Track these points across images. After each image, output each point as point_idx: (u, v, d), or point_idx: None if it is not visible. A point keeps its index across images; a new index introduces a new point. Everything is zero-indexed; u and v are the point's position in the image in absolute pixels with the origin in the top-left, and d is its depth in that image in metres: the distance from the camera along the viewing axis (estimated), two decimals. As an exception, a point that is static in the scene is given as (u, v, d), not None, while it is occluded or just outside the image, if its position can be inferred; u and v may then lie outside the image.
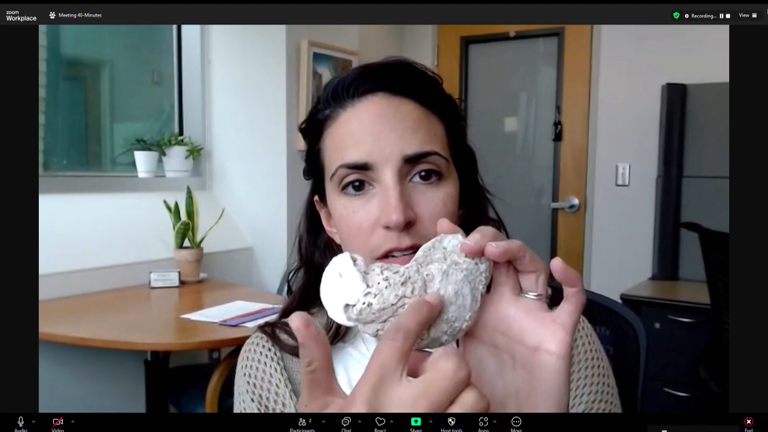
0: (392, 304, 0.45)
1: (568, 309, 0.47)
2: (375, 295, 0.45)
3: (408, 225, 0.63)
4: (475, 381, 0.48)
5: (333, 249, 0.77)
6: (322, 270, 0.76)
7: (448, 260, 0.47)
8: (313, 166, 0.74)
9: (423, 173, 0.66)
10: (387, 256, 0.64)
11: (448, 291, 0.46)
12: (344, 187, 0.67)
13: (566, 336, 0.46)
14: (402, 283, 0.46)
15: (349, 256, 0.47)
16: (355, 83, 0.68)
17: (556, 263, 0.46)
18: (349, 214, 0.67)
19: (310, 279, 0.78)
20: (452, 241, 0.48)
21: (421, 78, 0.70)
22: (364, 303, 0.45)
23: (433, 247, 0.48)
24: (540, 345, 0.46)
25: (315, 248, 0.78)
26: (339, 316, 0.47)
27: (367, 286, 0.46)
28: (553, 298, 0.49)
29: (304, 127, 0.75)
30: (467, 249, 0.46)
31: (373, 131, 0.66)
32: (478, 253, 0.46)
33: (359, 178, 0.66)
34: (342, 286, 0.47)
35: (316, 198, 0.77)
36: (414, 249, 0.63)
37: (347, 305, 0.46)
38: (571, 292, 0.47)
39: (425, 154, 0.66)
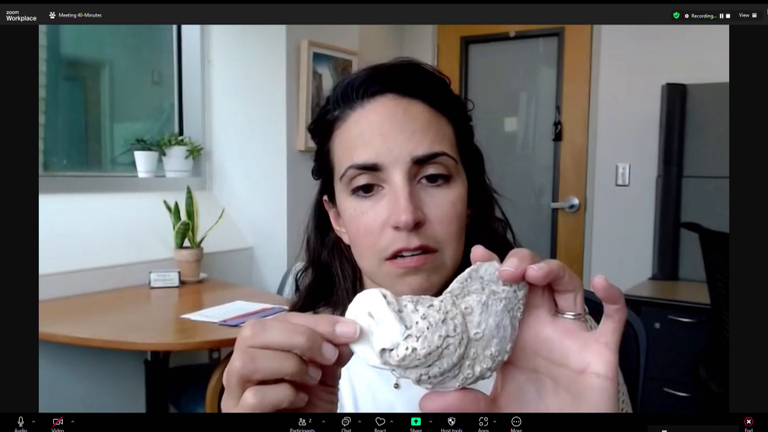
0: (437, 347, 0.42)
1: (611, 327, 0.45)
2: (417, 338, 0.42)
3: (417, 225, 0.64)
4: (516, 407, 0.47)
5: (341, 248, 0.77)
6: (330, 269, 0.77)
7: (486, 290, 0.44)
8: (323, 166, 0.74)
9: (432, 174, 0.66)
10: (396, 256, 0.65)
11: (489, 324, 0.43)
12: (354, 191, 0.67)
13: (612, 356, 0.44)
14: (442, 321, 0.42)
15: (379, 293, 0.44)
16: (364, 84, 0.68)
17: (599, 281, 0.44)
18: (358, 216, 0.67)
19: (317, 278, 0.79)
20: (489, 269, 0.45)
21: (431, 79, 0.70)
22: (407, 349, 0.42)
23: (470, 277, 0.45)
24: (586, 367, 0.44)
25: (323, 247, 0.79)
26: (373, 360, 0.43)
27: (406, 327, 0.42)
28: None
29: (313, 127, 0.75)
30: (508, 275, 0.44)
31: (382, 132, 0.66)
32: (519, 279, 0.44)
33: (369, 181, 0.66)
34: (375, 327, 0.43)
35: (325, 198, 0.77)
36: (423, 249, 0.64)
37: (384, 350, 0.42)
38: (613, 309, 0.45)
39: (434, 155, 0.66)
